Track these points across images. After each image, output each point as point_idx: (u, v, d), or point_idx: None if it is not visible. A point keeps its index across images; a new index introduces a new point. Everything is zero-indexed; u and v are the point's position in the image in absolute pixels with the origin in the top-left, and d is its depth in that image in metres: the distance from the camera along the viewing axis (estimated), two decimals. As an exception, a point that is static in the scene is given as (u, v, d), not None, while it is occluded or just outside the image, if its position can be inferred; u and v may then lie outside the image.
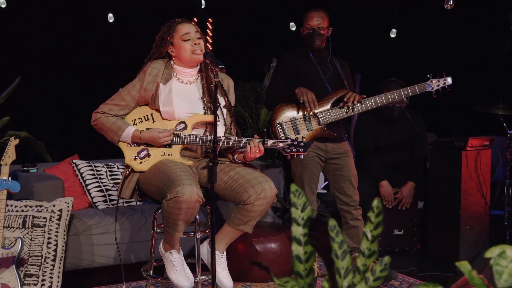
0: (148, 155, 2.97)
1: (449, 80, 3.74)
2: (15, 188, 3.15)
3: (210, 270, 2.84)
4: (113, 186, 4.22)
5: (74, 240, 3.72)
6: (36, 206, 3.50)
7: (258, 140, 2.90)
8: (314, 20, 3.80)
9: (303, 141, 2.96)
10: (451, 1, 4.93)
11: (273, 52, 6.27)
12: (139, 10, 7.07)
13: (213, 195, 2.73)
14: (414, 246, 4.64)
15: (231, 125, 3.15)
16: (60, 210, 3.50)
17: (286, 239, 3.94)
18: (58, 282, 3.44)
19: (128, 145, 3.01)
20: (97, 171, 4.26)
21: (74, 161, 4.30)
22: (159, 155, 2.96)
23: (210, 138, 2.85)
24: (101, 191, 4.17)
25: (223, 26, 7.41)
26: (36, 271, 3.38)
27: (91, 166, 4.27)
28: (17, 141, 3.22)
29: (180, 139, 2.95)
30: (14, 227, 3.43)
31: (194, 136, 2.94)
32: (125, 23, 6.98)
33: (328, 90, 3.78)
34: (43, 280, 3.38)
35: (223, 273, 2.96)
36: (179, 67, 3.06)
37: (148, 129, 2.99)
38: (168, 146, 2.97)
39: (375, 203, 1.09)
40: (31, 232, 3.43)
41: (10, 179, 3.15)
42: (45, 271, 3.40)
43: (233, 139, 2.91)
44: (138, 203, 4.25)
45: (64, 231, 3.51)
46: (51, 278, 3.40)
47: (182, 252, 3.00)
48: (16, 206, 3.47)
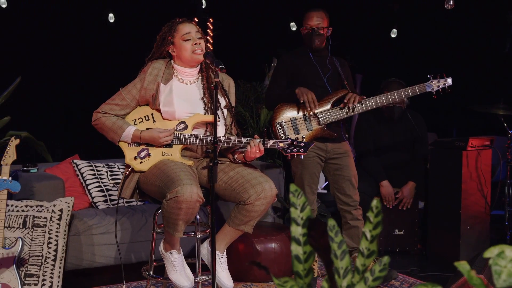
0: (148, 155, 2.97)
1: (449, 80, 3.74)
2: (15, 188, 3.16)
3: (210, 270, 2.84)
4: (113, 186, 4.22)
5: (75, 240, 3.72)
6: (36, 206, 3.50)
7: (258, 140, 2.90)
8: (314, 20, 3.80)
9: (303, 141, 2.95)
10: (451, 1, 4.93)
11: (273, 52, 6.27)
12: (139, 10, 7.08)
13: (213, 195, 2.73)
14: (414, 246, 4.64)
15: (231, 125, 3.15)
16: (61, 210, 3.50)
17: (286, 239, 3.94)
18: (59, 282, 3.44)
19: (129, 145, 3.01)
20: (97, 171, 4.26)
21: (75, 161, 4.30)
22: (159, 155, 2.96)
23: (211, 138, 2.85)
24: (101, 191, 4.17)
25: (223, 26, 7.41)
26: (37, 271, 3.39)
27: (91, 166, 4.27)
28: (17, 141, 3.22)
29: (180, 139, 2.95)
30: (14, 227, 3.43)
31: (194, 136, 2.94)
32: (125, 23, 6.99)
33: (328, 90, 3.78)
34: (43, 280, 3.39)
35: (223, 273, 2.96)
36: (179, 67, 3.06)
37: (148, 129, 2.99)
38: (169, 146, 2.97)
39: (374, 203, 1.09)
40: (32, 232, 3.43)
41: (10, 179, 3.15)
42: (45, 271, 3.40)
43: (233, 139, 2.91)
44: (138, 203, 4.25)
45: (65, 231, 3.51)
46: (52, 278, 3.41)
47: (182, 252, 3.00)
48: (16, 206, 3.48)
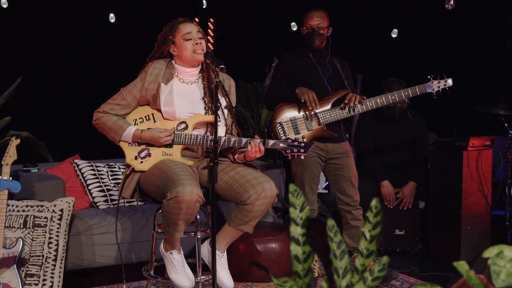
0: (149, 155, 2.97)
1: (449, 81, 3.74)
2: (15, 188, 3.16)
3: (210, 270, 2.84)
4: (114, 186, 4.22)
5: (75, 240, 3.73)
6: (37, 206, 3.50)
7: (259, 140, 2.90)
8: (314, 20, 3.80)
9: (303, 141, 2.95)
10: (451, 1, 4.92)
11: (274, 52, 6.27)
12: (140, 10, 7.08)
13: (213, 195, 2.73)
14: (415, 246, 4.64)
15: (232, 125, 3.15)
16: (61, 210, 3.50)
17: (287, 239, 3.94)
18: (59, 282, 3.44)
19: (129, 144, 3.01)
20: (98, 171, 4.26)
21: (75, 161, 4.30)
22: (160, 155, 2.97)
23: (211, 138, 2.85)
24: (102, 191, 4.17)
25: (224, 26, 7.41)
26: (37, 271, 3.39)
27: (92, 166, 4.27)
28: (18, 141, 3.22)
29: (181, 139, 2.95)
30: (15, 227, 3.43)
31: (195, 136, 2.94)
32: (126, 23, 6.99)
33: (328, 90, 3.78)
34: (44, 280, 3.39)
35: (223, 273, 2.96)
36: (180, 67, 3.06)
37: (149, 129, 2.99)
38: (169, 146, 2.97)
39: (373, 203, 1.09)
40: (32, 232, 3.44)
41: (11, 179, 3.15)
42: (46, 271, 3.40)
43: (233, 139, 2.91)
44: (139, 203, 4.25)
45: (65, 231, 3.51)
46: (52, 278, 3.41)
47: (182, 252, 3.00)
48: (17, 206, 3.48)
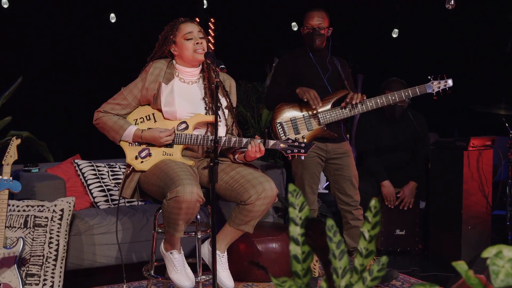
0: (149, 155, 2.98)
1: (449, 82, 3.74)
2: (16, 188, 3.16)
3: (211, 270, 2.84)
4: (114, 186, 4.22)
5: (76, 240, 3.73)
6: (37, 206, 3.50)
7: (259, 140, 2.90)
8: (315, 20, 3.79)
9: (304, 142, 2.95)
10: (452, 1, 4.92)
11: (275, 52, 6.28)
12: (141, 11, 7.09)
13: (214, 195, 2.73)
14: (415, 246, 4.63)
15: (232, 125, 3.15)
16: (62, 210, 3.50)
17: (287, 239, 3.94)
18: (60, 282, 3.44)
19: (130, 144, 3.01)
20: (98, 171, 4.26)
21: (76, 161, 4.30)
22: (160, 155, 2.97)
23: (211, 138, 2.85)
24: (102, 191, 4.17)
25: (225, 26, 7.41)
26: (38, 271, 3.39)
27: (92, 166, 4.27)
28: (19, 141, 3.23)
29: (181, 139, 2.95)
30: (15, 227, 3.43)
31: (195, 136, 2.94)
32: (127, 24, 6.99)
33: (328, 90, 3.78)
34: (44, 279, 3.39)
35: (224, 273, 2.96)
36: (181, 67, 3.06)
37: (149, 128, 2.99)
38: (170, 146, 2.97)
39: (373, 203, 1.09)
40: (33, 232, 3.44)
41: (11, 179, 3.15)
42: (46, 271, 3.40)
43: (234, 139, 2.91)
44: (139, 203, 4.25)
45: (66, 231, 3.51)
46: (53, 278, 3.41)
47: (183, 252, 3.00)
48: (17, 206, 3.48)
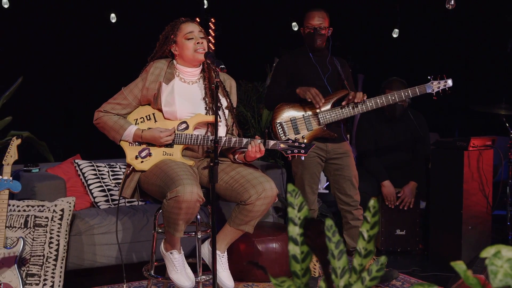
0: (149, 155, 2.98)
1: (449, 82, 3.74)
2: (16, 188, 3.16)
3: (211, 270, 2.84)
4: (115, 186, 4.22)
5: (76, 240, 3.73)
6: (38, 206, 3.50)
7: (260, 140, 2.90)
8: (315, 20, 3.79)
9: (304, 142, 2.96)
10: (452, 1, 4.92)
11: (275, 52, 6.28)
12: (141, 11, 7.09)
13: (214, 195, 2.73)
14: (416, 246, 4.63)
15: (232, 126, 3.15)
16: (62, 210, 3.50)
17: (287, 239, 3.93)
18: (60, 281, 3.44)
19: (130, 144, 3.01)
20: (99, 171, 4.26)
21: (76, 161, 4.30)
22: (160, 155, 2.97)
23: (212, 138, 2.85)
24: (103, 191, 4.17)
25: (225, 26, 7.42)
26: (38, 271, 3.39)
27: (93, 166, 4.27)
28: (19, 141, 3.23)
29: (181, 139, 2.96)
30: (16, 227, 3.43)
31: (195, 136, 2.94)
32: (127, 24, 7.00)
33: (328, 90, 3.78)
34: (44, 279, 3.39)
35: (224, 273, 2.96)
36: (181, 67, 3.06)
37: (150, 128, 2.99)
38: (170, 145, 2.97)
39: (372, 203, 1.09)
40: (33, 232, 3.44)
41: (11, 179, 3.15)
42: (47, 271, 3.40)
43: (234, 139, 2.91)
44: (140, 203, 4.26)
45: (66, 231, 3.51)
46: (53, 277, 3.41)
47: (183, 252, 3.00)
48: (18, 206, 3.48)
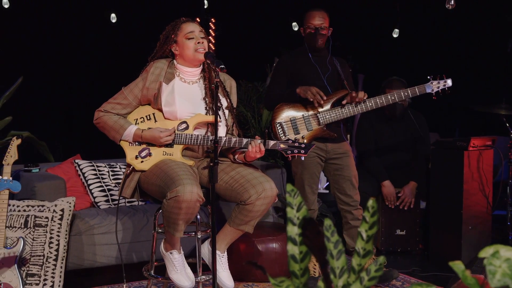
0: (149, 155, 2.98)
1: (449, 82, 3.74)
2: (16, 188, 3.16)
3: (211, 270, 2.84)
4: (115, 186, 4.22)
5: (76, 240, 3.73)
6: (38, 206, 3.50)
7: (260, 140, 2.90)
8: (316, 19, 3.79)
9: (304, 142, 2.96)
10: (452, 1, 4.92)
11: (275, 52, 6.28)
12: (141, 11, 7.09)
13: (214, 195, 2.73)
14: (416, 246, 4.63)
15: (233, 126, 3.15)
16: (62, 210, 3.50)
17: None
18: (60, 281, 3.44)
19: (130, 144, 3.01)
20: (99, 171, 4.26)
21: (76, 161, 4.30)
22: (160, 155, 2.97)
23: (212, 138, 2.85)
24: (103, 191, 4.17)
25: (225, 26, 7.42)
26: (38, 271, 3.39)
27: (93, 166, 4.27)
28: (19, 141, 3.23)
29: (181, 139, 2.96)
30: (16, 227, 3.44)
31: (195, 136, 2.94)
32: (127, 24, 7.00)
33: (328, 90, 3.78)
34: (45, 279, 3.39)
35: (224, 273, 2.96)
36: (182, 67, 3.06)
37: (150, 128, 2.99)
38: (170, 145, 2.97)
39: (370, 203, 1.09)
40: (33, 232, 3.44)
41: (11, 179, 3.15)
42: (47, 271, 3.40)
43: (234, 139, 2.91)
44: (140, 203, 4.26)
45: (66, 231, 3.51)
46: (53, 277, 3.41)
47: (183, 252, 3.00)
48: (18, 206, 3.48)
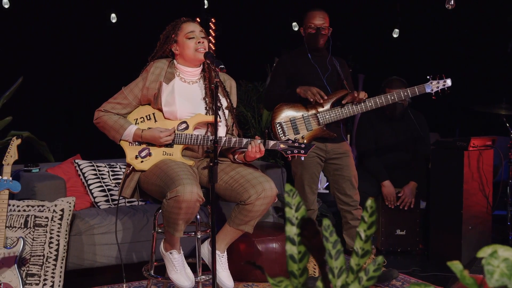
0: (149, 154, 2.98)
1: (448, 82, 3.74)
2: (15, 188, 3.16)
3: (211, 270, 2.84)
4: (115, 186, 4.22)
5: (76, 240, 3.73)
6: (38, 206, 3.51)
7: (260, 140, 2.90)
8: (317, 19, 3.79)
9: (304, 142, 2.96)
10: (452, 1, 4.92)
11: (275, 52, 6.28)
12: (141, 11, 7.09)
13: (213, 195, 2.73)
14: (416, 246, 4.63)
15: (232, 126, 3.15)
16: (62, 210, 3.50)
17: (287, 239, 3.94)
18: (60, 281, 3.44)
19: (130, 144, 3.01)
20: (99, 171, 4.26)
21: (76, 161, 4.30)
22: (160, 155, 2.97)
23: (211, 138, 2.85)
24: (103, 191, 4.17)
25: (225, 26, 7.42)
26: (38, 271, 3.39)
27: (93, 166, 4.28)
28: (19, 141, 3.23)
29: (181, 139, 2.96)
30: (16, 227, 3.44)
31: (195, 136, 2.94)
32: (127, 24, 7.00)
33: (328, 90, 3.77)
34: (44, 279, 3.39)
35: (224, 273, 2.96)
36: (182, 66, 3.06)
37: (150, 128, 2.99)
38: (170, 145, 2.97)
39: (369, 202, 1.09)
40: (33, 231, 3.44)
41: (11, 179, 3.15)
42: (47, 271, 3.40)
43: (234, 139, 2.92)
44: (140, 203, 4.26)
45: (66, 231, 3.52)
46: (53, 277, 3.41)
47: (182, 252, 3.00)
48: (18, 206, 3.48)
